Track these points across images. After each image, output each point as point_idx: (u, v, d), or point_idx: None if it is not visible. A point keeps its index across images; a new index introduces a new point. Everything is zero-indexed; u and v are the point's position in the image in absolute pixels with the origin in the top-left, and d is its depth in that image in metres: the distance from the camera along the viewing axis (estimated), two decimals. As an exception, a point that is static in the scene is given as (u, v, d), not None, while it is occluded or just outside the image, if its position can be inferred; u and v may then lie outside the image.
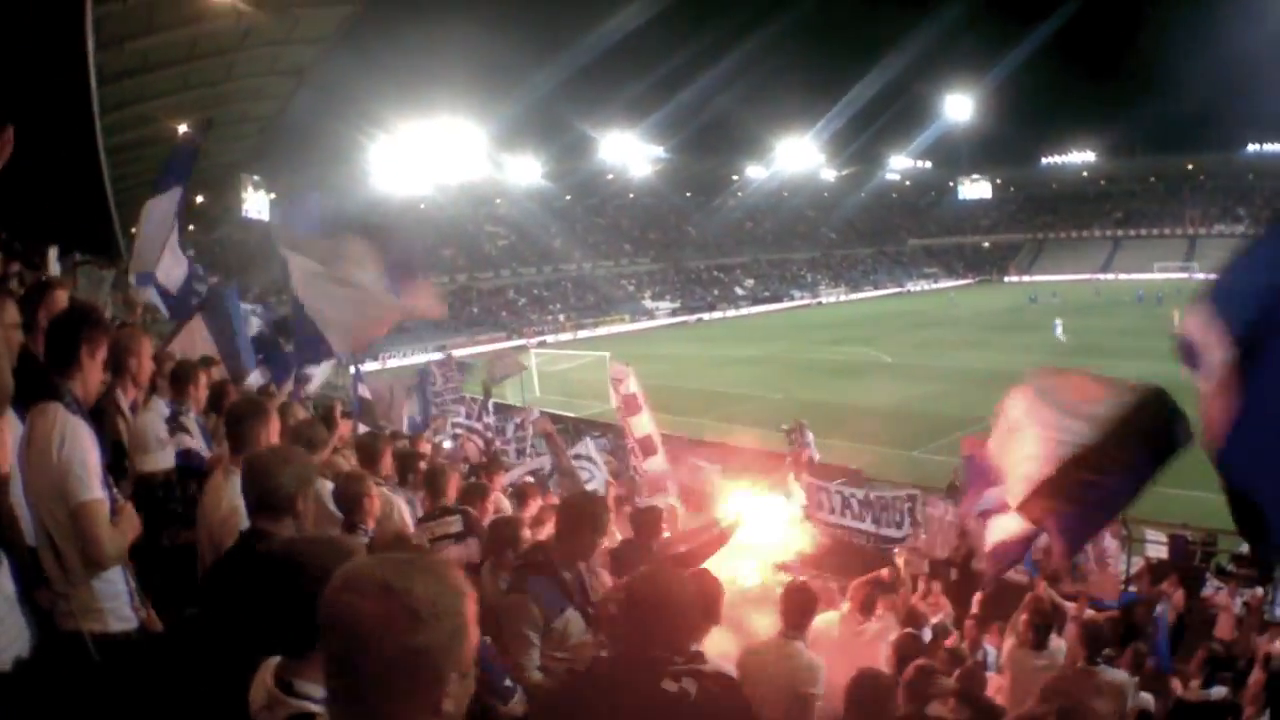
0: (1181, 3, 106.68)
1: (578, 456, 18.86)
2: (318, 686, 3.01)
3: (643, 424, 16.62)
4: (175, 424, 7.60)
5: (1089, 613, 10.31)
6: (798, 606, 7.59)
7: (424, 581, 2.36)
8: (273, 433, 6.29)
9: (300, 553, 3.71)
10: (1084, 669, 8.35)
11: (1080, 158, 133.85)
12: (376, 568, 2.43)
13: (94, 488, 4.95)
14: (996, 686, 9.34)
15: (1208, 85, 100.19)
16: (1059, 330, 56.30)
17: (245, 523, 4.99)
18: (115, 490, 5.36)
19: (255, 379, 13.37)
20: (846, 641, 9.70)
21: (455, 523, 8.05)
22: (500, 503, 10.94)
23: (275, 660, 3.41)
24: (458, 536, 7.97)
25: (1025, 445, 6.86)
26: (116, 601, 5.10)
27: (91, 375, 5.54)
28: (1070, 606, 10.89)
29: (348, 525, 6.98)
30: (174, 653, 4.76)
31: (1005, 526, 7.77)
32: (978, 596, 12.51)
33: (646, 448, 16.35)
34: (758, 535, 11.65)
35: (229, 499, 5.68)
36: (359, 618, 2.28)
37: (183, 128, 19.34)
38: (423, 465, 10.43)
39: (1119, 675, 8.68)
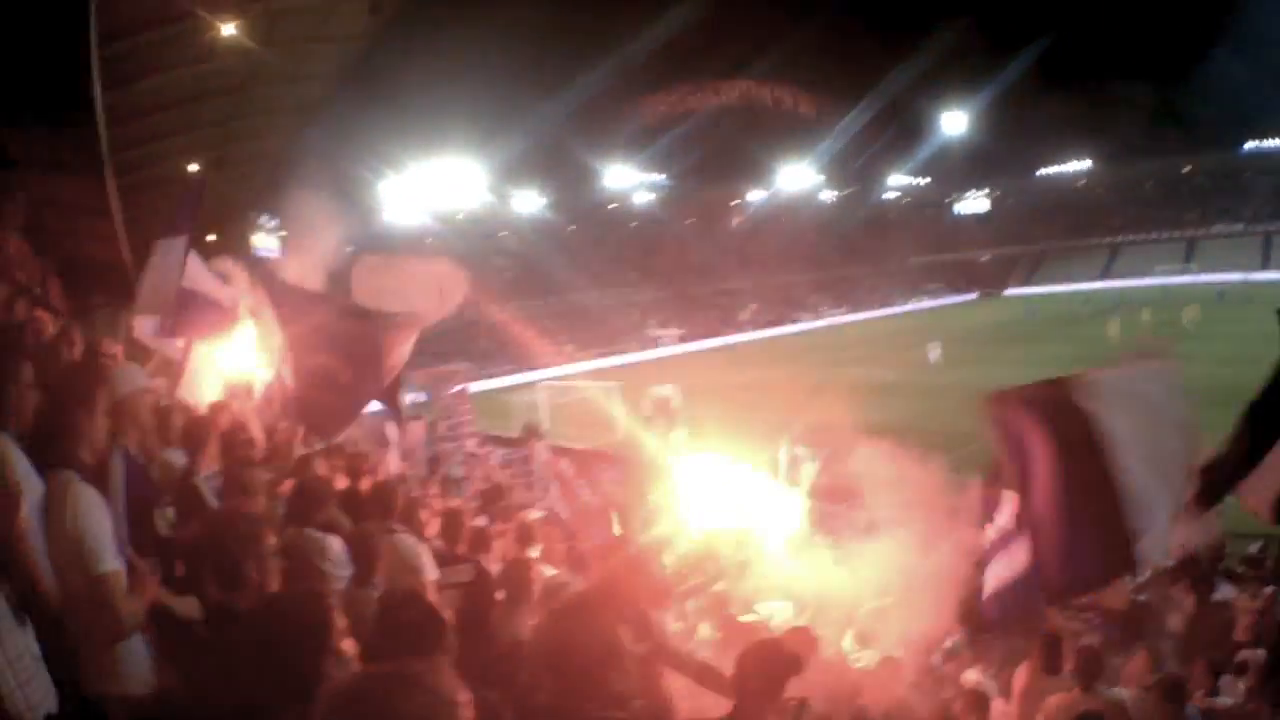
0: (1175, 4, 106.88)
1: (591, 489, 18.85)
2: None
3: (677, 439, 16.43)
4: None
5: (1084, 640, 10.22)
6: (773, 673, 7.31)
7: (412, 698, 2.35)
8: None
9: (273, 616, 4.03)
10: (1083, 694, 8.41)
11: (1076, 167, 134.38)
12: (364, 686, 2.52)
13: (107, 559, 4.97)
14: (1001, 712, 9.26)
15: (1203, 85, 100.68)
16: (935, 353, 56.34)
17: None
18: (130, 551, 5.33)
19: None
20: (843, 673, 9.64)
21: (467, 571, 8.02)
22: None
23: None
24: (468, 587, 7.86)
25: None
26: (136, 665, 5.08)
27: (94, 435, 5.46)
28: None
29: (359, 581, 6.89)
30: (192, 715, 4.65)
31: (1002, 570, 7.65)
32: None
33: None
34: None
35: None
36: None
37: (193, 166, 19.37)
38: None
39: (1119, 694, 8.71)
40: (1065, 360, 54.66)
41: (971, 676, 10.86)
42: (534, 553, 11.47)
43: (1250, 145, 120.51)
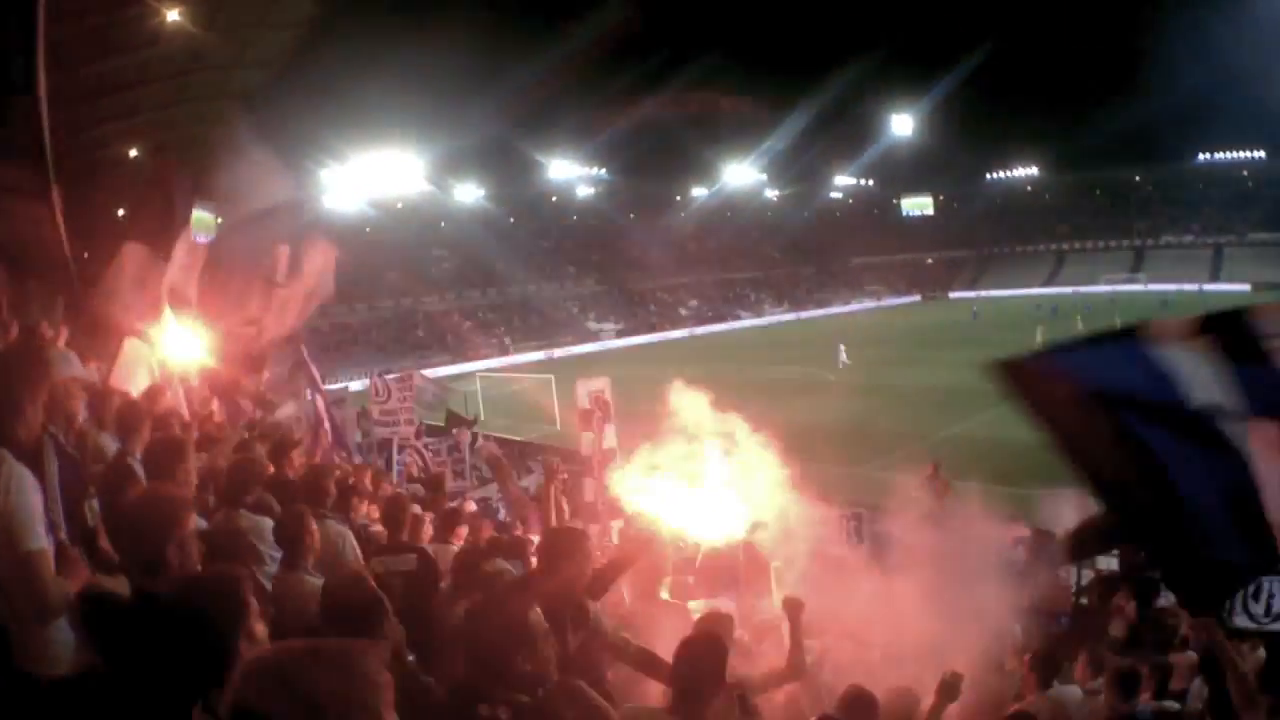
0: (1127, 14, 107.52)
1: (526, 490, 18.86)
2: None
3: (609, 436, 16.47)
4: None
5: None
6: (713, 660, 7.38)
7: (329, 676, 2.34)
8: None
9: (188, 598, 3.89)
10: (1040, 695, 8.46)
11: (1024, 172, 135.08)
12: (279, 662, 2.46)
13: (35, 537, 4.91)
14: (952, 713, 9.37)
15: (1156, 97, 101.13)
16: (842, 355, 56.67)
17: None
18: (62, 536, 5.35)
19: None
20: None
21: (410, 561, 7.90)
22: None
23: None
24: (408, 576, 7.79)
25: None
26: (62, 647, 5.04)
27: (33, 416, 5.47)
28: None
29: (288, 565, 6.86)
30: (119, 696, 4.31)
31: None
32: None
33: (607, 459, 16.21)
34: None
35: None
36: (265, 716, 2.27)
37: (133, 152, 19.26)
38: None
39: (1070, 692, 8.82)
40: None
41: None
42: (460, 539, 11.58)
43: (1201, 157, 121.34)
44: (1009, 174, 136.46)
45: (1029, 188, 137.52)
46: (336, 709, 2.27)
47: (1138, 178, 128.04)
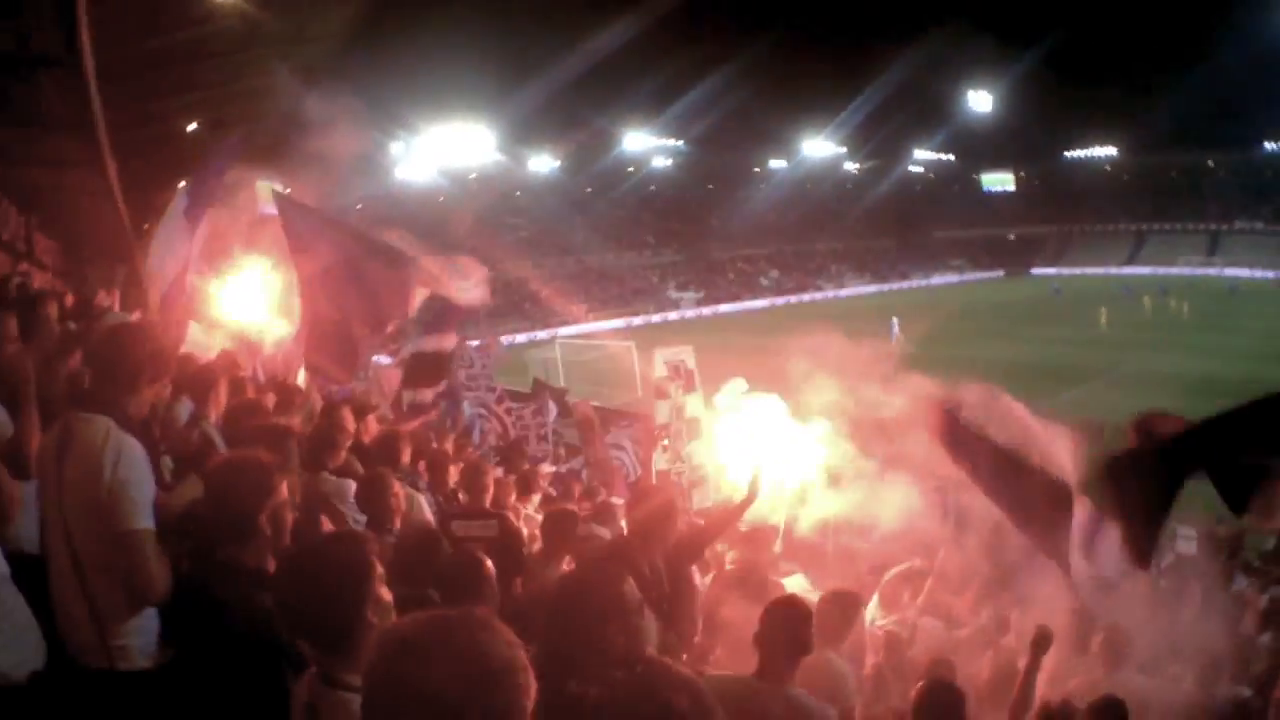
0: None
1: (614, 446, 18.90)
2: (358, 676, 2.91)
3: (693, 403, 16.37)
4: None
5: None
6: (837, 619, 7.42)
7: (489, 639, 2.23)
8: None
9: (322, 556, 3.77)
10: (1106, 677, 8.36)
11: (1103, 152, 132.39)
12: (441, 630, 2.28)
13: (147, 516, 4.66)
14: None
15: (1232, 82, 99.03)
16: (895, 329, 55.52)
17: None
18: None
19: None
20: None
21: (491, 527, 7.71)
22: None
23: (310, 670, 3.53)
24: (490, 542, 7.67)
25: None
26: (146, 638, 4.78)
27: (145, 400, 5.24)
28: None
29: (373, 528, 6.87)
30: (196, 689, 4.47)
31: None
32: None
33: (692, 430, 16.17)
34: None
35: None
36: (435, 686, 2.13)
37: (191, 126, 19.48)
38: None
39: (1140, 681, 8.68)
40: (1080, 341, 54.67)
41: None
42: (534, 504, 11.64)
43: (1271, 145, 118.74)
44: (1088, 153, 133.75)
45: (1108, 167, 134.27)
46: (506, 668, 2.19)
47: (1211, 162, 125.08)
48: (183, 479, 5.54)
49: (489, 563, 5.07)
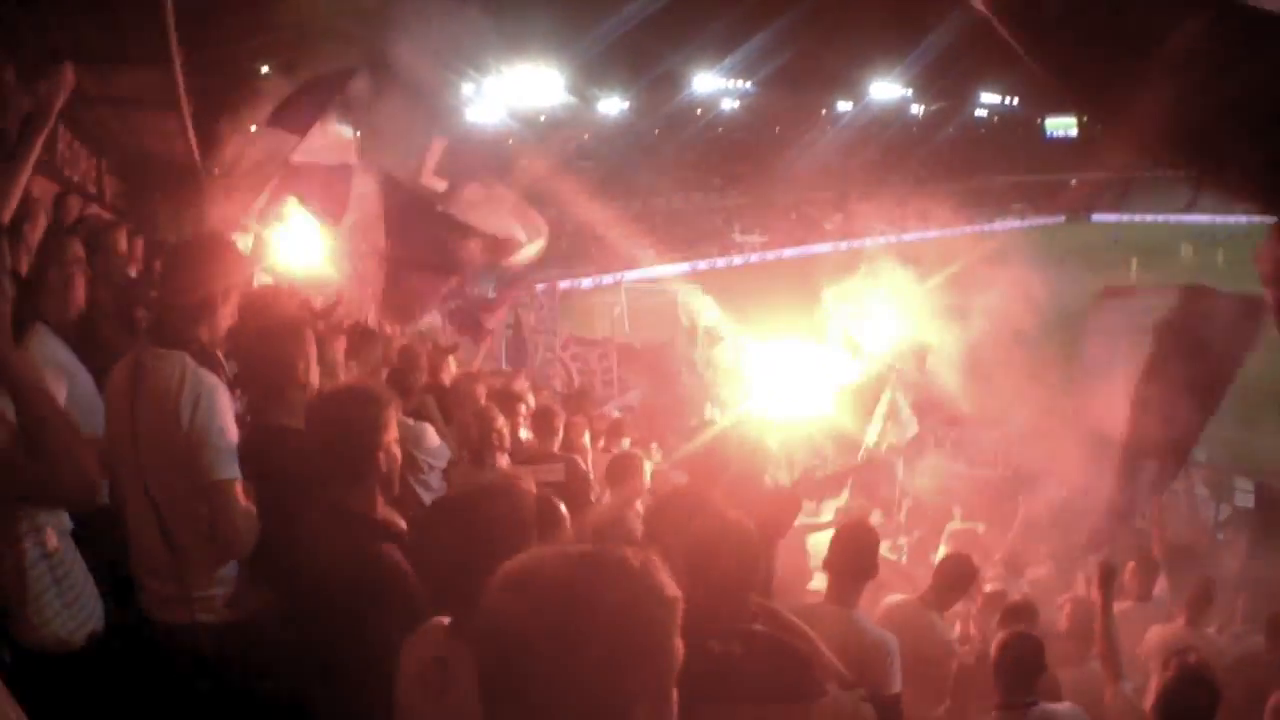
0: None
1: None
2: None
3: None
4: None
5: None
6: (951, 581, 7.50)
7: (614, 584, 1.95)
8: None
9: (470, 509, 3.62)
10: (1188, 628, 8.34)
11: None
12: (554, 564, 2.02)
13: (233, 465, 4.45)
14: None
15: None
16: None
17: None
18: None
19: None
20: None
21: (558, 470, 7.71)
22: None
23: (441, 619, 3.40)
24: (558, 486, 7.58)
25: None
26: (230, 588, 4.63)
27: (222, 322, 4.91)
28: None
29: (475, 460, 6.86)
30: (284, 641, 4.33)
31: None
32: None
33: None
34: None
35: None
36: (523, 633, 1.90)
37: (264, 69, 19.30)
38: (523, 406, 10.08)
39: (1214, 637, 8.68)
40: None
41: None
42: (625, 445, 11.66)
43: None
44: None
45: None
46: (623, 623, 1.90)
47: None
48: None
49: (562, 506, 4.75)
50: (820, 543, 9.22)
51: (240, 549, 4.50)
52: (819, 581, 8.84)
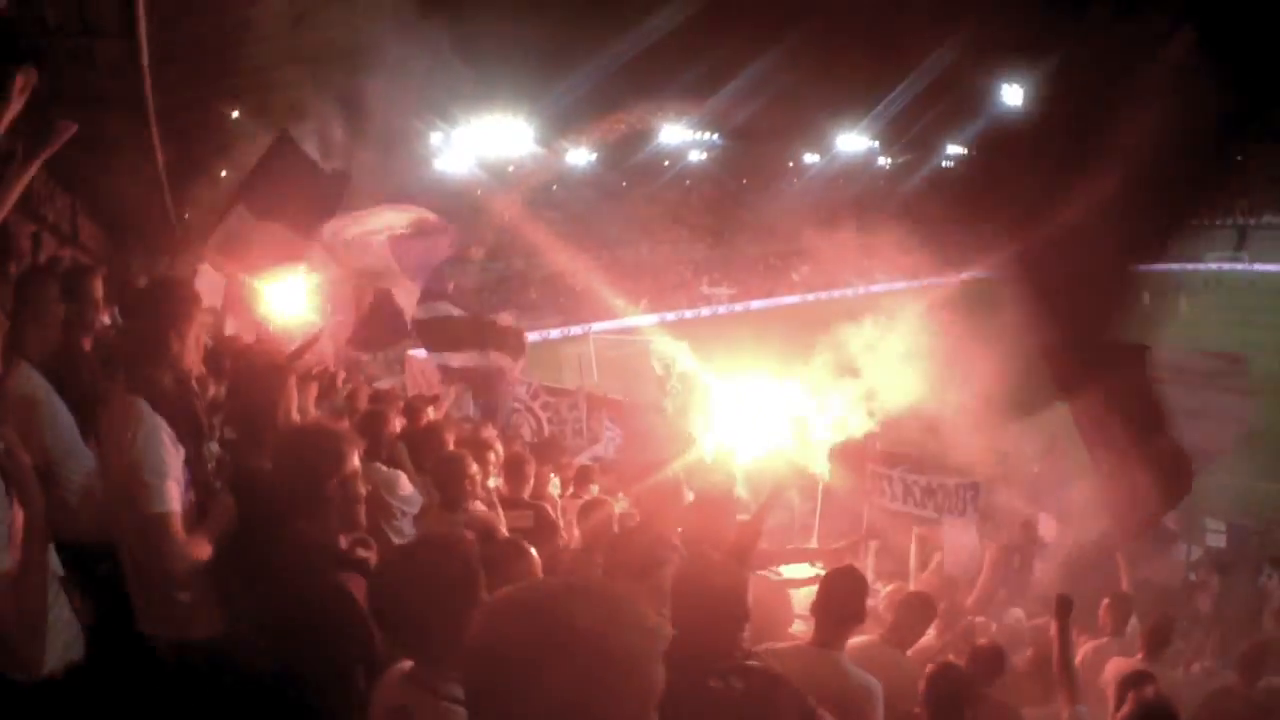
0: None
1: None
2: (459, 687, 2.67)
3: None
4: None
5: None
6: (911, 619, 7.49)
7: (594, 611, 2.00)
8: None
9: (423, 560, 3.67)
10: (1148, 661, 8.42)
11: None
12: (538, 592, 2.17)
13: (165, 499, 4.64)
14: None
15: (1261, 75, 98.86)
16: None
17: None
18: (208, 481, 5.21)
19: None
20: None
21: (528, 517, 7.83)
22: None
23: (403, 665, 3.42)
24: (528, 533, 7.57)
25: None
26: (194, 608, 4.79)
27: (186, 358, 5.17)
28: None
29: (448, 506, 6.95)
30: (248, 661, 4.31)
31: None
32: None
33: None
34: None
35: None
36: (510, 651, 1.96)
37: (235, 113, 19.33)
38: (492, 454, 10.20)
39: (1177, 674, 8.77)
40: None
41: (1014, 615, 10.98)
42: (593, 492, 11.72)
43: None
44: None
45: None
46: (600, 650, 1.95)
47: (1239, 156, 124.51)
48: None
49: (533, 551, 5.08)
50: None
51: (176, 580, 4.67)
52: (799, 627, 8.90)
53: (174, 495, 4.71)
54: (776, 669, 4.28)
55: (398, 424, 9.77)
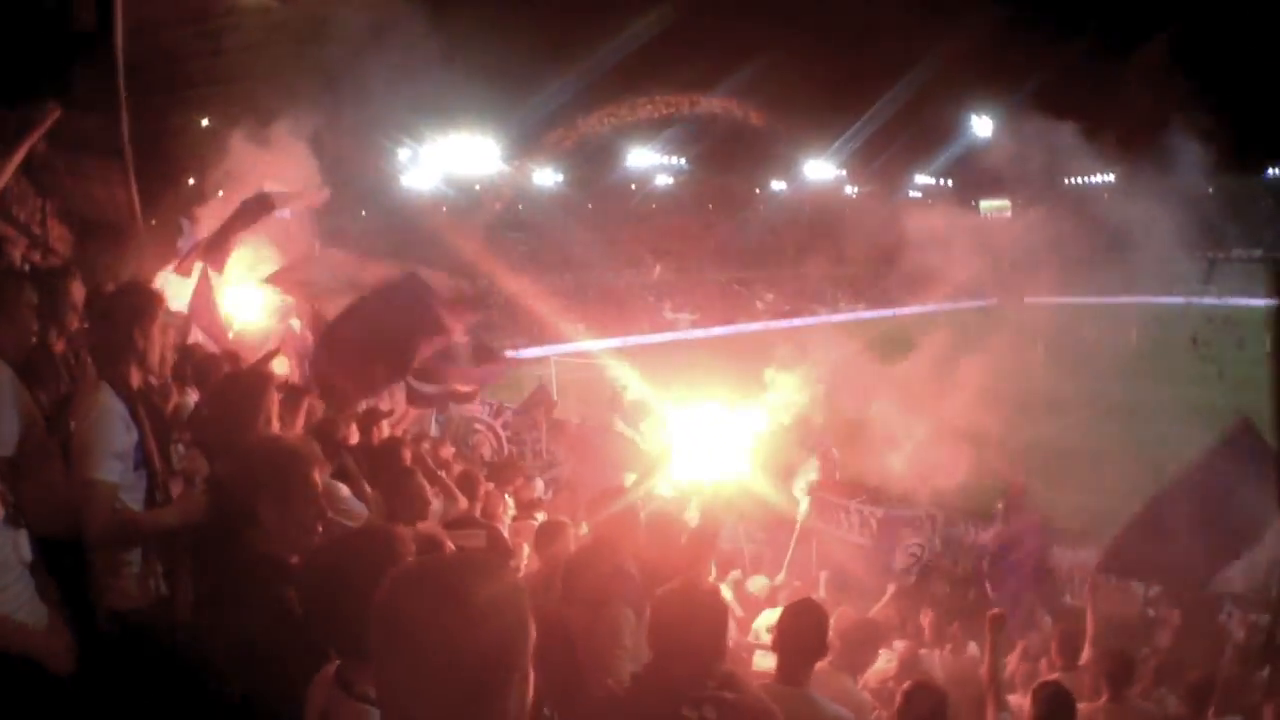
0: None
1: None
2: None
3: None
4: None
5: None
6: (857, 642, 7.56)
7: (482, 580, 2.17)
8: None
9: (349, 552, 3.65)
10: (1111, 704, 8.44)
11: (1102, 179, 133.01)
12: (432, 568, 2.35)
13: (100, 468, 4.85)
14: (1018, 705, 9.25)
15: (1226, 108, 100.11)
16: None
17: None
18: (167, 473, 5.36)
19: None
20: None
21: (479, 537, 7.88)
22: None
23: (334, 663, 3.38)
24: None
25: None
26: (124, 579, 5.01)
27: (151, 355, 5.40)
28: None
29: (406, 522, 6.95)
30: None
31: None
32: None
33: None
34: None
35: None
36: (416, 620, 2.11)
37: (205, 121, 19.27)
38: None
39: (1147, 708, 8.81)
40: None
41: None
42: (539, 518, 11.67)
43: (1272, 172, 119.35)
44: (1087, 180, 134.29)
45: (1105, 194, 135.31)
46: (492, 610, 2.12)
47: (1210, 190, 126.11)
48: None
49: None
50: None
51: (92, 543, 4.89)
52: (762, 660, 8.92)
53: (112, 468, 4.92)
54: (752, 699, 4.24)
55: (353, 435, 9.78)
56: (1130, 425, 36.39)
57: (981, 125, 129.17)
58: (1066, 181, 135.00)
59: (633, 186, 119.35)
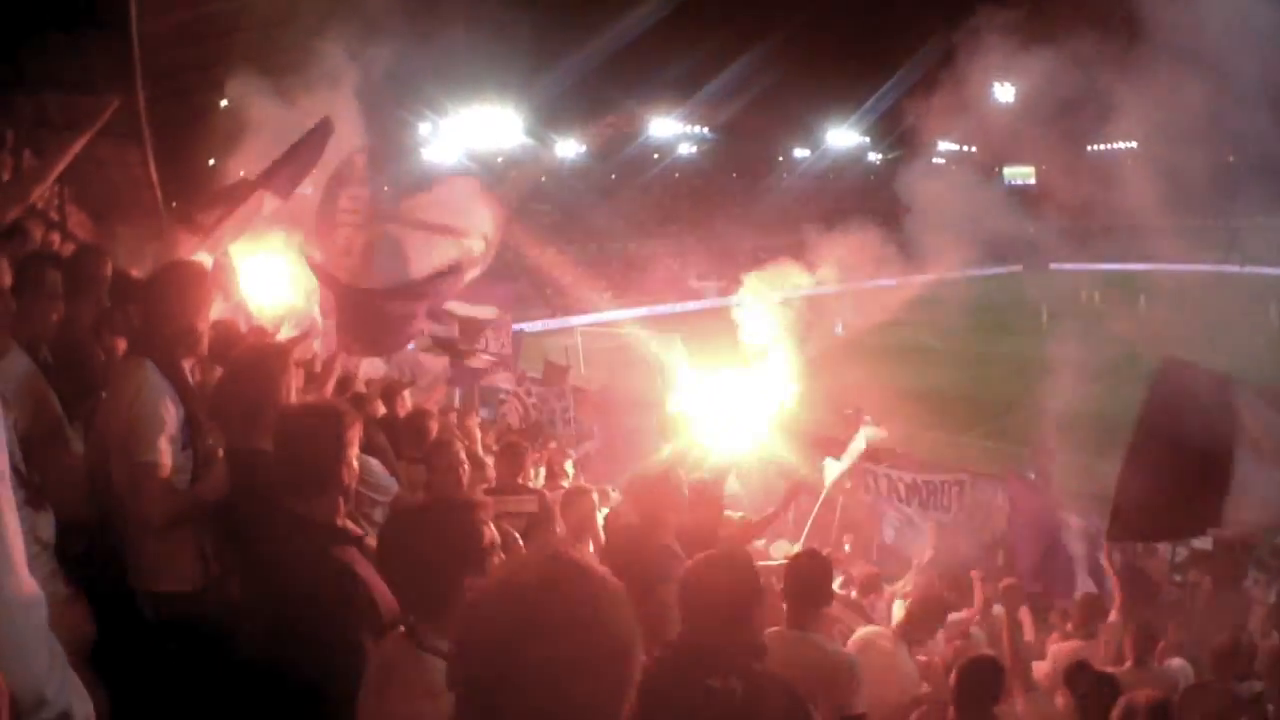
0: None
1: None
2: (446, 641, 2.82)
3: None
4: None
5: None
6: (923, 616, 7.63)
7: (579, 584, 2.00)
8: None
9: (432, 522, 3.80)
10: (1136, 668, 8.43)
11: (1127, 145, 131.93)
12: (528, 576, 2.05)
13: (154, 449, 4.85)
14: (1044, 674, 9.25)
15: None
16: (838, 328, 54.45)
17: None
18: (207, 448, 5.28)
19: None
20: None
21: (531, 502, 7.99)
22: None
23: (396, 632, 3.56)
24: (531, 518, 7.75)
25: None
26: (181, 562, 5.00)
27: (204, 338, 5.50)
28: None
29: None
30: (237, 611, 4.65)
31: None
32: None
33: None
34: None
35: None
36: (495, 636, 1.93)
37: (224, 101, 19.26)
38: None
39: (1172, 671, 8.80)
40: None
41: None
42: (565, 484, 11.70)
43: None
44: (1110, 147, 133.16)
45: (1130, 160, 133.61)
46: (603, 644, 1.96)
47: (1232, 158, 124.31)
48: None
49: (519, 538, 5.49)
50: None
51: (152, 524, 4.88)
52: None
53: (164, 449, 4.92)
54: (780, 672, 4.26)
55: (378, 409, 9.80)
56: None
57: (1004, 92, 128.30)
58: (1090, 148, 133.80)
59: (655, 156, 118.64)
